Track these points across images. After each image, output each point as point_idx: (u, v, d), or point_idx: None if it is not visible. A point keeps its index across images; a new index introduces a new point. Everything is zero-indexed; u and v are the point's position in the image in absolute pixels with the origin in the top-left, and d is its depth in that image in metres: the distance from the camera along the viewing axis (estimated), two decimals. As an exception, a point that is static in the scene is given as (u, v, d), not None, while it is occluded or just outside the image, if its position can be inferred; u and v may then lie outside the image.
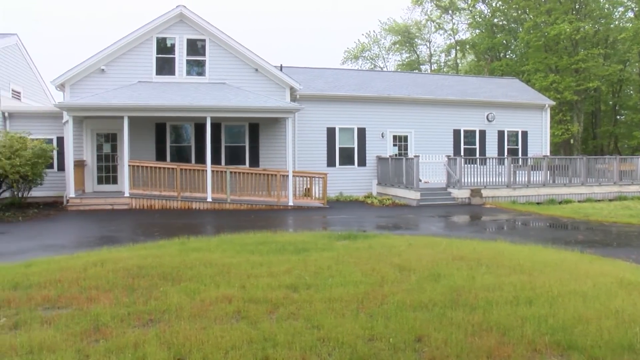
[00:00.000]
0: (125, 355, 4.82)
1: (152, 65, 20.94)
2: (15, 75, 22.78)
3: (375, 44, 60.42)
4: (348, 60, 61.10)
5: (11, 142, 17.03)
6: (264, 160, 21.63)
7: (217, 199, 18.76)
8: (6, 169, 16.12)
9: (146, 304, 6.33)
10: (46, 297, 6.66)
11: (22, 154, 16.86)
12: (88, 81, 20.29)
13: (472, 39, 51.00)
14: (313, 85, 24.12)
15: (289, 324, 5.60)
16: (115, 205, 18.32)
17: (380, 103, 23.99)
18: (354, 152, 23.66)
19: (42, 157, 17.79)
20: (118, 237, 12.81)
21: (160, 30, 20.86)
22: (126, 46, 20.52)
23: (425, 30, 57.38)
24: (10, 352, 4.94)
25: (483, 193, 20.89)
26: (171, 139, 21.16)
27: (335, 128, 23.34)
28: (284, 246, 10.07)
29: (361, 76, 28.84)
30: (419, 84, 27.39)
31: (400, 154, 24.20)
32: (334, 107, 23.33)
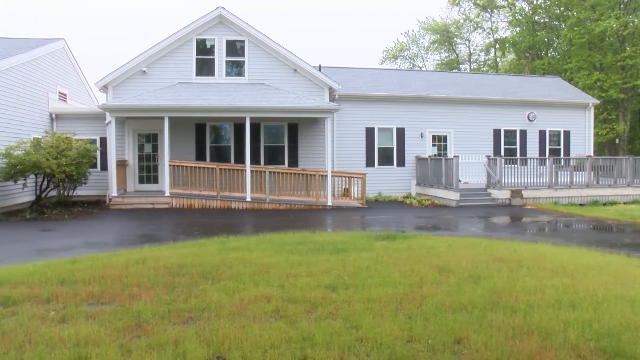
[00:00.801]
0: (166, 351, 4.89)
1: (192, 67, 21.23)
2: (62, 78, 23.38)
3: (414, 43, 60.00)
4: (387, 60, 60.84)
5: (57, 143, 17.48)
6: (302, 160, 21.70)
7: (256, 199, 18.90)
8: (53, 168, 16.54)
9: (186, 301, 6.41)
10: (90, 292, 6.82)
11: (68, 154, 17.27)
12: (130, 83, 20.73)
13: (512, 37, 50.13)
14: (352, 85, 24.08)
15: (327, 324, 5.61)
16: (156, 204, 18.63)
17: (419, 103, 23.81)
18: (393, 152, 23.55)
19: (86, 157, 18.19)
20: (159, 235, 13.02)
21: (199, 32, 21.14)
22: (166, 48, 20.87)
23: (464, 29, 56.71)
24: (59, 344, 5.10)
25: (524, 194, 20.56)
26: (211, 139, 21.41)
27: (374, 128, 23.26)
28: (322, 246, 10.09)
29: (400, 76, 28.68)
30: (458, 84, 27.10)
31: (439, 154, 23.98)
32: (373, 107, 23.26)
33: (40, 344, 5.07)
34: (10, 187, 17.62)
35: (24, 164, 16.21)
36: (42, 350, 4.91)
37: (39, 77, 20.70)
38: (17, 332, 5.39)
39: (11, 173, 16.32)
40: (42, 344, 5.08)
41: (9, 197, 17.86)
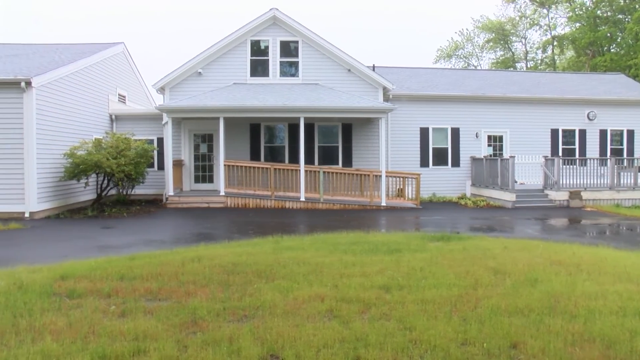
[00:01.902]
0: (221, 348, 4.98)
1: (246, 67, 21.51)
2: (121, 80, 24.08)
3: (468, 42, 59.10)
4: (441, 59, 60.15)
5: (117, 143, 18.00)
6: (356, 160, 21.69)
7: (310, 199, 19.00)
8: (113, 168, 17.04)
9: (241, 300, 6.51)
10: (148, 289, 7.02)
11: (127, 154, 17.76)
12: (186, 84, 21.18)
13: (571, 33, 48.63)
14: (406, 85, 23.93)
15: (380, 325, 5.60)
16: (211, 203, 18.96)
17: (474, 102, 23.45)
18: (448, 152, 23.26)
19: (144, 157, 18.65)
20: (214, 234, 13.24)
21: (254, 33, 21.40)
22: (221, 49, 21.22)
23: (520, 27, 55.41)
24: (119, 337, 5.29)
25: (583, 195, 19.99)
26: (265, 139, 21.64)
27: (428, 128, 23.04)
28: (376, 246, 10.07)
29: (454, 75, 28.32)
30: (514, 82, 26.55)
31: (494, 154, 23.55)
32: (427, 106, 23.04)
33: (103, 336, 5.28)
34: (73, 185, 18.26)
35: (86, 163, 16.78)
36: (104, 342, 5.10)
37: (100, 80, 21.39)
38: (82, 324, 5.64)
39: (74, 172, 16.90)
40: (104, 336, 5.29)
41: (72, 196, 18.50)
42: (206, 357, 4.78)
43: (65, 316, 5.91)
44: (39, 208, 16.31)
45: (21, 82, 15.80)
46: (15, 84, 15.89)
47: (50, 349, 4.95)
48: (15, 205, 16.12)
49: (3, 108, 16.17)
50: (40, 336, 5.31)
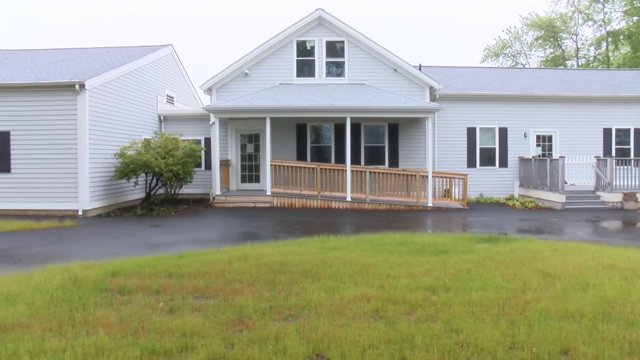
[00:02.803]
0: (267, 346, 5.03)
1: (292, 68, 21.63)
2: (170, 81, 24.54)
3: (516, 40, 57.83)
4: (488, 58, 59.06)
5: (165, 143, 18.34)
6: (403, 160, 21.57)
7: (356, 199, 18.98)
8: (161, 167, 17.37)
9: (287, 299, 6.56)
10: (196, 286, 7.13)
11: (175, 154, 18.08)
12: (232, 85, 21.45)
13: (627, 27, 47.00)
14: (452, 85, 23.66)
15: (427, 326, 5.56)
16: (258, 203, 19.13)
17: (522, 102, 23.00)
18: (495, 153, 22.89)
19: (192, 157, 18.94)
20: (260, 233, 13.36)
21: (299, 34, 21.50)
22: (267, 50, 21.40)
23: (571, 23, 53.85)
24: (168, 333, 5.41)
25: (638, 197, 19.37)
26: (311, 139, 21.72)
27: (475, 128, 22.72)
28: (422, 247, 10.00)
29: (502, 74, 27.84)
30: (564, 81, 25.92)
31: (543, 154, 23.04)
32: (474, 106, 22.73)
33: (152, 332, 5.40)
34: (123, 184, 18.70)
35: (136, 163, 17.16)
36: (153, 338, 5.22)
37: (150, 82, 21.86)
38: (132, 319, 5.79)
39: (125, 172, 17.31)
40: (153, 331, 5.42)
41: (122, 194, 18.96)
42: (252, 355, 4.83)
43: (117, 311, 6.07)
44: (91, 206, 16.77)
45: (75, 84, 16.30)
46: (70, 86, 16.40)
47: (103, 342, 5.10)
48: (69, 203, 16.63)
49: (59, 110, 16.71)
50: (94, 329, 5.49)
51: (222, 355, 4.84)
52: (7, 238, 12.51)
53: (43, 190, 16.82)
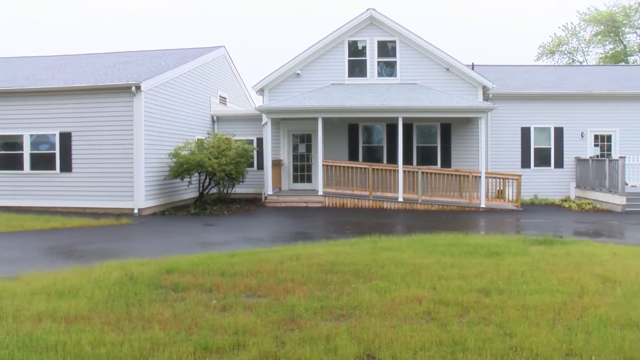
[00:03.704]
0: (318, 346, 5.03)
1: (344, 68, 21.65)
2: (222, 82, 24.91)
3: (573, 36, 55.98)
4: (543, 56, 57.42)
5: (218, 143, 18.60)
6: (455, 160, 21.30)
7: (408, 199, 18.85)
8: (214, 167, 17.63)
9: (338, 299, 6.55)
10: (248, 285, 7.21)
11: (227, 154, 18.32)
12: (284, 85, 21.62)
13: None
14: (506, 84, 23.21)
15: (479, 329, 5.46)
16: (309, 203, 19.21)
17: (579, 100, 22.34)
18: (550, 153, 22.32)
19: (244, 157, 19.16)
20: (311, 233, 13.41)
21: (351, 34, 21.50)
22: (319, 51, 21.49)
23: (635, 16, 51.62)
24: (220, 330, 5.49)
25: None
26: (363, 139, 21.68)
27: (529, 128, 22.22)
28: (475, 249, 9.84)
29: (558, 72, 27.14)
30: (625, 78, 25.05)
31: (602, 154, 22.33)
32: (528, 105, 22.23)
33: (205, 329, 5.49)
34: (177, 184, 19.07)
35: (189, 163, 17.47)
36: (206, 334, 5.30)
37: (203, 83, 22.24)
38: (185, 316, 5.91)
39: (178, 171, 17.66)
40: (206, 328, 5.50)
41: (176, 194, 19.34)
42: (303, 354, 4.84)
43: (171, 308, 6.20)
44: (146, 205, 17.18)
45: (132, 86, 16.72)
46: (127, 88, 16.84)
47: (158, 337, 5.22)
48: (126, 201, 17.07)
49: (116, 111, 17.20)
50: (149, 324, 5.62)
51: (273, 353, 4.87)
52: (69, 235, 12.98)
53: (101, 189, 17.33)
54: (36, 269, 8.46)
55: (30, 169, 17.95)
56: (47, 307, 6.22)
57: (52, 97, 17.81)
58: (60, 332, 5.38)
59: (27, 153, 17.96)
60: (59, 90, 17.69)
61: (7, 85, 18.46)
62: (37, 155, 17.97)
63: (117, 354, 4.83)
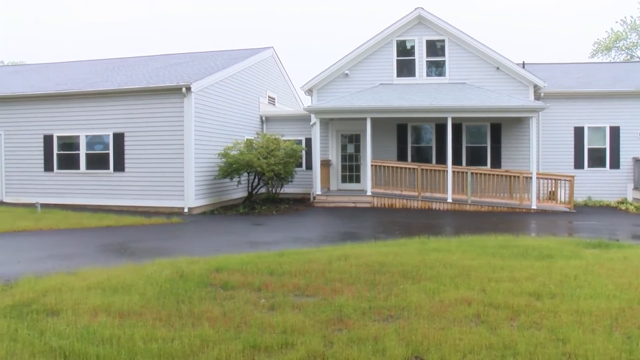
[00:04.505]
0: (366, 346, 5.01)
1: (392, 68, 21.54)
2: (271, 83, 25.12)
3: (632, 31, 53.94)
4: (598, 53, 55.54)
5: (267, 143, 18.77)
6: (505, 161, 20.92)
7: (457, 200, 18.62)
8: (263, 167, 17.79)
9: (386, 299, 6.52)
10: (296, 285, 7.25)
11: (276, 154, 18.46)
12: (333, 85, 21.65)
13: None
14: (558, 82, 22.66)
15: (530, 334, 5.34)
16: (358, 203, 19.18)
17: (637, 98, 21.60)
18: (605, 153, 21.67)
19: (293, 157, 19.26)
20: (360, 233, 13.38)
21: (399, 34, 21.38)
22: (367, 51, 21.45)
23: None
24: (269, 329, 5.52)
25: None
26: (412, 139, 21.52)
27: (583, 127, 21.62)
28: (526, 251, 9.64)
29: (615, 69, 26.34)
30: (688, 74, 24.08)
31: (662, 155, 21.56)
32: (582, 104, 21.62)
33: (253, 327, 5.53)
34: (226, 183, 19.32)
35: (239, 162, 17.67)
36: (254, 333, 5.34)
37: (252, 83, 22.46)
38: (234, 314, 5.98)
39: (228, 171, 17.89)
40: (254, 326, 5.55)
41: (225, 193, 19.60)
42: (351, 354, 4.83)
43: (220, 306, 6.28)
44: (196, 204, 17.46)
45: (182, 87, 17.02)
46: (177, 89, 17.15)
47: (208, 334, 5.30)
48: (176, 200, 17.40)
49: (167, 112, 17.54)
50: (199, 322, 5.71)
51: (321, 353, 4.88)
52: (122, 232, 13.32)
53: (152, 189, 17.71)
54: (92, 265, 8.74)
55: (86, 169, 18.51)
56: (102, 301, 6.41)
57: (106, 99, 18.32)
58: (115, 327, 5.54)
59: (83, 153, 18.54)
60: (112, 92, 18.19)
61: (65, 88, 19.12)
62: (92, 155, 18.51)
63: (168, 350, 4.93)
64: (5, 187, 19.66)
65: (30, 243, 11.91)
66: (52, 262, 9.52)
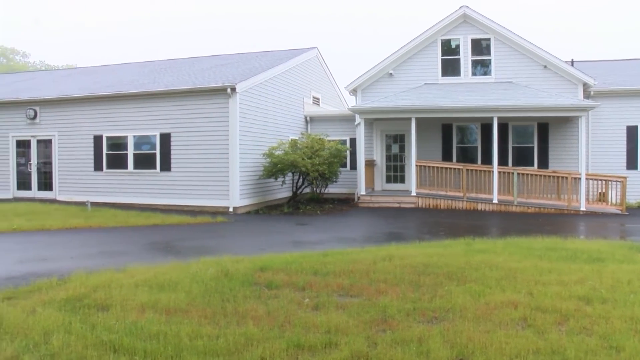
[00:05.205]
0: (410, 348, 4.97)
1: (437, 67, 21.34)
2: (315, 83, 25.18)
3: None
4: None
5: (312, 144, 18.82)
6: (553, 161, 20.46)
7: (502, 201, 18.32)
8: (308, 167, 17.84)
9: (431, 301, 6.46)
10: (340, 285, 7.24)
11: (321, 154, 18.49)
12: (377, 85, 21.58)
13: None
14: (609, 80, 22.02)
15: (580, 339, 5.19)
16: (402, 203, 19.06)
17: (697, 95, 20.75)
18: (661, 153, 20.96)
19: (337, 157, 19.25)
20: (404, 234, 13.30)
21: (444, 33, 21.16)
22: (411, 50, 21.30)
23: None
24: (313, 328, 5.54)
25: None
26: (457, 139, 21.27)
27: (636, 127, 20.94)
28: (575, 254, 9.39)
29: (671, 66, 25.43)
30: None
31: None
32: (635, 102, 20.96)
33: (297, 326, 5.56)
34: (271, 183, 19.46)
35: (283, 162, 17.78)
36: (298, 332, 5.37)
37: (296, 84, 22.56)
38: (279, 313, 6.01)
39: (272, 171, 18.01)
40: (298, 326, 5.57)
41: (269, 193, 19.74)
42: (395, 355, 4.80)
43: (265, 305, 6.33)
44: (240, 204, 17.63)
45: (227, 88, 17.22)
46: (222, 90, 17.35)
47: (252, 332, 5.35)
48: (221, 200, 17.60)
49: (212, 112, 17.78)
50: (243, 320, 5.77)
51: (365, 353, 4.86)
52: (168, 231, 13.58)
53: (198, 188, 17.97)
54: (139, 262, 8.92)
55: (134, 168, 18.92)
56: (149, 298, 6.55)
57: (153, 100, 18.68)
58: (162, 323, 5.65)
59: (131, 153, 18.95)
60: (159, 93, 18.54)
61: (114, 90, 19.59)
62: (139, 155, 18.91)
63: (213, 347, 4.99)
64: (58, 186, 20.30)
65: (81, 240, 12.28)
66: (101, 258, 9.79)
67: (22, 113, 20.83)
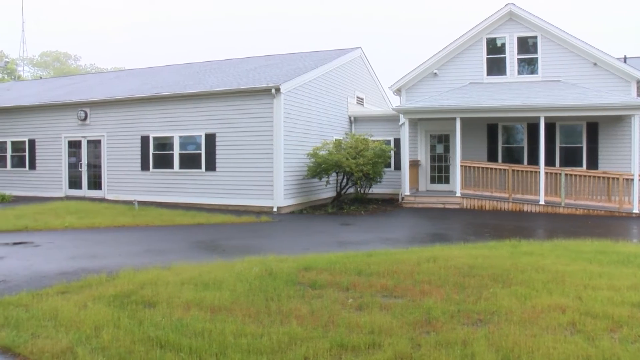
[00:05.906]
0: (454, 350, 4.92)
1: (482, 66, 21.04)
2: (359, 83, 25.14)
3: None
4: None
5: (356, 144, 18.80)
6: (603, 161, 19.90)
7: (549, 202, 17.94)
8: (352, 167, 17.83)
9: (475, 303, 6.37)
10: (384, 285, 7.21)
11: (365, 154, 18.44)
12: (421, 85, 21.43)
13: None
14: (665, 78, 21.31)
15: (636, 348, 5.00)
16: (447, 204, 18.88)
17: None
18: None
19: (382, 157, 19.18)
20: (449, 235, 13.17)
21: (489, 31, 20.85)
22: (456, 49, 21.07)
23: None
24: (356, 328, 5.54)
25: None
26: (502, 139, 20.93)
27: (692, 126, 20.25)
28: (627, 258, 9.10)
29: None
30: None
31: None
32: (691, 102, 20.25)
33: (341, 326, 5.56)
34: (315, 183, 19.51)
35: (327, 162, 17.81)
36: (342, 332, 5.37)
37: (340, 84, 22.57)
38: (322, 313, 6.03)
39: (316, 171, 18.06)
40: (342, 326, 5.57)
41: (313, 193, 19.80)
42: (439, 357, 4.76)
43: (308, 304, 6.35)
44: (285, 204, 17.74)
45: (271, 89, 17.34)
46: (267, 90, 17.49)
47: (296, 331, 5.38)
48: (265, 200, 17.74)
49: (256, 113, 17.93)
50: (286, 319, 5.80)
51: (408, 355, 4.84)
52: (212, 230, 13.76)
53: (242, 188, 18.15)
54: (184, 261, 9.08)
55: (179, 168, 19.24)
56: (195, 296, 6.66)
57: (198, 101, 18.96)
58: (206, 321, 5.74)
59: (177, 153, 19.28)
60: (204, 94, 18.80)
61: (160, 91, 19.97)
62: (185, 155, 19.21)
63: (257, 345, 5.04)
64: (107, 186, 20.82)
65: (128, 238, 12.57)
66: (148, 256, 10.00)
67: (73, 114, 21.48)
